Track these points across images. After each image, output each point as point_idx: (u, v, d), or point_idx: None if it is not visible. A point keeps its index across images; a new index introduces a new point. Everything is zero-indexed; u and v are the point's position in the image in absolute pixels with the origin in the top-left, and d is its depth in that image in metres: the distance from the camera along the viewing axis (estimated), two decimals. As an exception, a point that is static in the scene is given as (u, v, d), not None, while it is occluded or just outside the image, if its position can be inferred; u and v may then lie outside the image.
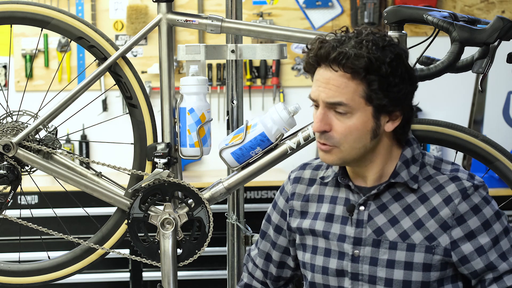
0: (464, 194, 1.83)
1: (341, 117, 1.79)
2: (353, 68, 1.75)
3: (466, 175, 1.87)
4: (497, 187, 4.22)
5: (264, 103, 4.90)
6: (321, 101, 1.80)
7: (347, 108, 1.78)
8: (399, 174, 1.85)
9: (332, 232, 1.90)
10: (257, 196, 4.33)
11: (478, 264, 1.82)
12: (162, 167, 2.27)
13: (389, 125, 1.83)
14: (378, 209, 1.86)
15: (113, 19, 4.86)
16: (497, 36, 1.98)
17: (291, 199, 2.01)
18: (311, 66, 1.84)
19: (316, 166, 2.02)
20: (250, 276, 2.13)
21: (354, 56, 1.75)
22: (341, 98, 1.77)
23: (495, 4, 4.94)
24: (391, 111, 1.81)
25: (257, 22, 4.77)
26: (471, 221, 1.82)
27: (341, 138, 1.80)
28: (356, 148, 1.81)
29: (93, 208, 3.11)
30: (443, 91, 4.88)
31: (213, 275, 4.30)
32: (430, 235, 1.82)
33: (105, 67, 2.30)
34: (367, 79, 1.76)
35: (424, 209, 1.84)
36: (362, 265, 1.85)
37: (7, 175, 2.29)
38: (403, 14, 2.15)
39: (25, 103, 2.43)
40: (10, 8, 2.31)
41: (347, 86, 1.77)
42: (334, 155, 1.82)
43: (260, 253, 2.10)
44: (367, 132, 1.80)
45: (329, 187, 1.95)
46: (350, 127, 1.79)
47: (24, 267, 2.41)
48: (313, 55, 1.81)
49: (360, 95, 1.77)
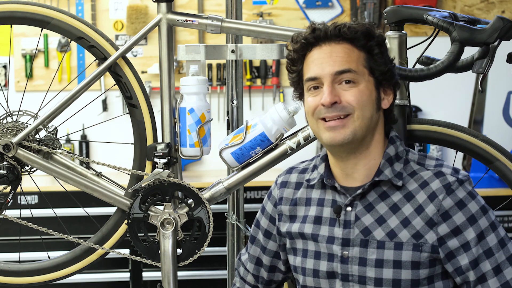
0: (448, 190, 1.82)
1: (348, 87, 1.83)
2: (354, 35, 1.82)
3: (450, 170, 1.86)
4: (497, 187, 4.22)
5: (264, 103, 4.90)
6: (327, 75, 1.83)
7: (354, 75, 1.82)
8: (383, 172, 1.86)
9: (321, 235, 1.90)
10: (257, 196, 4.33)
11: (463, 259, 1.81)
12: (162, 167, 2.27)
13: (386, 102, 1.88)
14: (365, 209, 1.86)
15: (113, 19, 4.86)
16: (497, 36, 1.98)
17: (279, 204, 2.01)
18: (301, 52, 1.87)
19: (302, 169, 2.02)
20: (242, 281, 2.12)
21: (353, 24, 1.84)
22: (349, 65, 1.82)
23: (495, 4, 4.94)
24: (386, 86, 1.88)
25: (257, 22, 4.77)
26: (456, 217, 1.81)
27: (354, 103, 1.82)
28: (366, 118, 1.83)
29: (93, 208, 3.12)
30: (443, 91, 4.88)
31: (213, 275, 4.30)
32: (417, 233, 1.82)
33: (105, 67, 2.30)
34: (368, 46, 1.84)
35: (410, 207, 1.84)
36: (352, 266, 1.85)
37: (7, 175, 2.29)
38: (403, 14, 2.15)
39: (25, 103, 2.43)
40: (10, 8, 2.32)
41: (350, 55, 1.83)
42: (347, 128, 1.82)
43: (250, 258, 2.09)
44: (372, 102, 1.84)
45: (315, 190, 1.95)
46: (360, 93, 1.83)
47: (24, 267, 2.41)
48: (310, 36, 1.85)
49: (363, 64, 1.84)
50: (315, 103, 1.84)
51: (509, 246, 1.83)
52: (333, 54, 1.83)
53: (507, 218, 4.28)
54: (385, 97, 1.88)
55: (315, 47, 1.85)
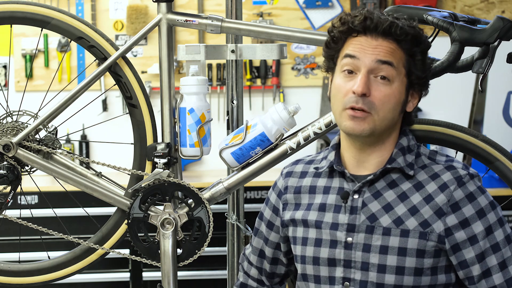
0: (460, 182, 1.84)
1: (382, 84, 1.82)
2: (404, 37, 1.82)
3: (461, 164, 1.89)
4: (497, 187, 4.22)
5: (264, 103, 4.90)
6: (367, 62, 1.82)
7: (393, 72, 1.82)
8: (396, 160, 1.87)
9: (324, 221, 1.90)
10: (257, 196, 4.33)
11: (469, 253, 1.82)
12: (162, 167, 2.27)
13: (410, 105, 1.90)
14: (372, 196, 1.87)
15: (113, 19, 4.86)
16: (497, 36, 1.98)
17: (284, 193, 2.02)
18: (345, 35, 1.86)
19: (309, 161, 2.04)
20: (246, 275, 2.14)
21: (406, 27, 1.83)
22: (391, 59, 1.82)
23: (495, 4, 4.94)
24: (416, 90, 1.88)
25: (257, 22, 4.77)
26: (466, 209, 1.82)
27: (379, 104, 1.82)
28: (387, 119, 1.84)
29: (93, 208, 3.12)
30: (443, 91, 4.88)
31: (213, 275, 4.31)
32: (425, 221, 1.82)
33: (105, 67, 2.30)
34: (413, 50, 1.84)
35: (419, 196, 1.85)
36: (355, 252, 1.85)
37: (7, 175, 2.29)
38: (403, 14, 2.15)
39: (25, 103, 2.43)
40: (10, 8, 2.32)
41: (394, 53, 1.83)
42: (367, 123, 1.83)
43: (253, 250, 2.11)
44: (399, 104, 1.85)
45: (322, 178, 1.96)
46: (389, 94, 1.82)
47: (24, 267, 2.41)
48: (358, 24, 1.83)
49: (403, 64, 1.84)
50: (346, 89, 1.84)
51: None
52: (378, 47, 1.83)
53: (507, 218, 4.28)
54: (411, 100, 1.89)
55: (361, 34, 1.85)
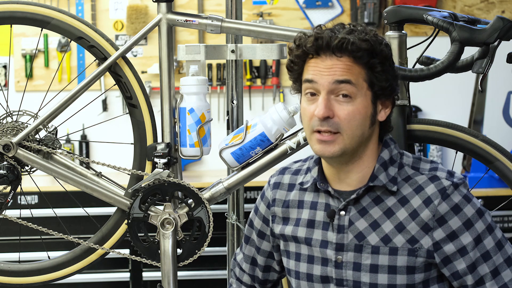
0: (444, 194, 1.80)
1: (344, 103, 1.78)
2: (358, 53, 1.77)
3: (445, 173, 1.84)
4: (497, 187, 4.22)
5: (264, 103, 4.90)
6: (325, 84, 1.78)
7: (353, 89, 1.78)
8: (378, 177, 1.83)
9: (314, 238, 1.88)
10: (257, 196, 4.32)
11: (461, 264, 1.80)
12: (162, 167, 2.27)
13: (382, 114, 1.84)
14: (358, 214, 1.84)
15: (113, 19, 4.86)
16: (497, 36, 1.98)
17: (272, 205, 1.99)
18: (302, 58, 1.83)
19: (295, 170, 2.00)
20: (238, 282, 2.11)
21: (358, 41, 1.77)
22: (348, 76, 1.78)
23: (495, 4, 4.94)
24: (385, 99, 1.83)
25: (257, 22, 4.77)
26: (452, 221, 1.79)
27: (344, 123, 1.78)
28: (356, 136, 1.80)
29: (93, 208, 3.12)
30: (443, 91, 4.88)
31: (213, 275, 4.30)
32: (412, 238, 1.80)
33: (105, 67, 2.30)
34: (371, 63, 1.78)
35: (404, 212, 1.82)
36: (346, 271, 1.84)
37: (7, 175, 2.29)
38: (403, 14, 2.15)
39: (25, 103, 2.43)
40: (10, 8, 2.32)
41: (351, 69, 1.78)
42: (336, 144, 1.79)
43: (245, 258, 2.08)
44: (366, 118, 1.80)
45: (308, 193, 1.93)
46: (354, 111, 1.78)
47: (24, 267, 2.41)
48: (310, 46, 1.80)
49: (363, 78, 1.79)
50: (310, 112, 1.81)
51: (507, 247, 1.82)
52: (334, 67, 1.78)
53: (507, 218, 4.28)
54: (382, 109, 1.84)
55: (316, 56, 1.81)
